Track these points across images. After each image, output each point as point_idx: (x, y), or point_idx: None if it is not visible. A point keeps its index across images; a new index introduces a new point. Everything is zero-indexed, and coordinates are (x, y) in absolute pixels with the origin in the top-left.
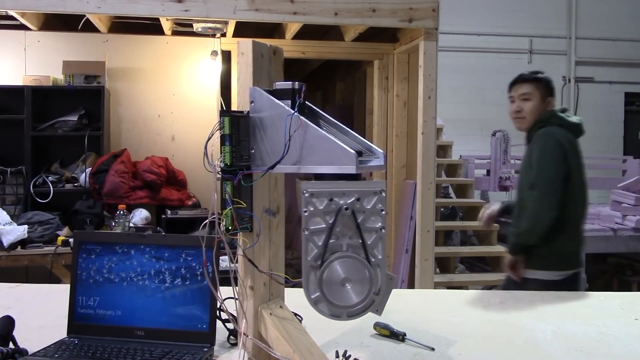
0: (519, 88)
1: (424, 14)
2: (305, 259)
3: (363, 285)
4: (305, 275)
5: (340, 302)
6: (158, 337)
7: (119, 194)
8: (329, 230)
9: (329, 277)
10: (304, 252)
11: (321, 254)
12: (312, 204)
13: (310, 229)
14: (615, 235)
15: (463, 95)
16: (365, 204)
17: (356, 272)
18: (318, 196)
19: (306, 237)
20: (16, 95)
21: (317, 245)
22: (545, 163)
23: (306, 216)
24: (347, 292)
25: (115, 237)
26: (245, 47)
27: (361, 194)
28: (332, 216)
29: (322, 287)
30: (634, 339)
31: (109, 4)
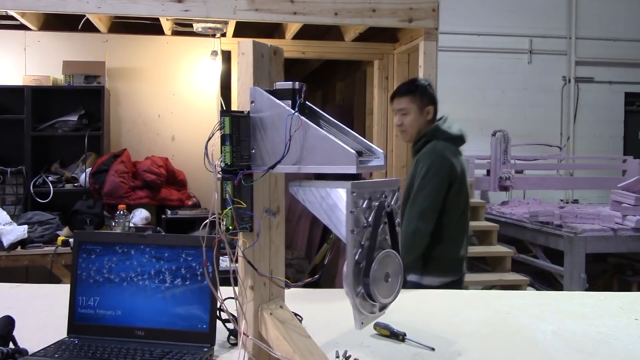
0: (396, 103)
1: (424, 14)
2: (352, 259)
3: (396, 278)
4: (353, 276)
5: (385, 297)
6: (158, 337)
7: (119, 194)
8: (374, 229)
9: (375, 275)
10: (350, 251)
11: (367, 253)
12: (357, 204)
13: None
14: (615, 235)
15: (463, 95)
16: (392, 201)
17: (393, 266)
18: (360, 196)
19: (353, 237)
20: (16, 95)
21: (360, 244)
22: (429, 180)
23: (353, 215)
24: (389, 286)
25: (115, 237)
26: (246, 47)
27: (387, 192)
28: (369, 214)
29: (370, 285)
30: (634, 339)
31: (109, 4)
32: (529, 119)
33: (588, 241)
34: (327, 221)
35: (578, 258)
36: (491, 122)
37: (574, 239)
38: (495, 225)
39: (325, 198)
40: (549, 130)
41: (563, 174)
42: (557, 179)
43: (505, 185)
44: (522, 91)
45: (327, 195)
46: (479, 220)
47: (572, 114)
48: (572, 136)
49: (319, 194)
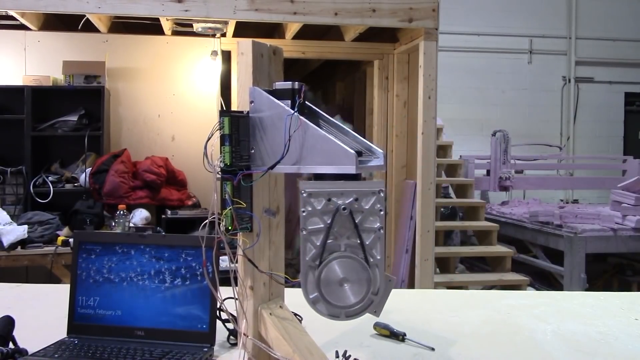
0: None
1: (424, 14)
2: (304, 259)
3: (361, 286)
4: (303, 275)
5: (339, 302)
6: (158, 337)
7: (119, 194)
8: (327, 230)
9: (327, 277)
10: (302, 251)
11: (319, 254)
12: (310, 204)
13: (309, 229)
14: (615, 235)
15: (463, 95)
16: (364, 204)
17: (354, 272)
18: (316, 196)
19: (304, 237)
20: (16, 95)
21: (315, 245)
22: None
23: (304, 216)
24: (345, 292)
25: (115, 237)
26: (245, 47)
27: (359, 194)
28: (330, 216)
29: (320, 287)
30: (634, 339)
31: (109, 4)
32: (529, 119)
33: (588, 241)
34: None
35: (578, 258)
36: (491, 122)
37: (574, 239)
38: (495, 225)
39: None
40: (549, 130)
41: (563, 174)
42: (557, 179)
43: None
44: (522, 91)
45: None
46: (479, 220)
47: (572, 114)
48: (572, 136)
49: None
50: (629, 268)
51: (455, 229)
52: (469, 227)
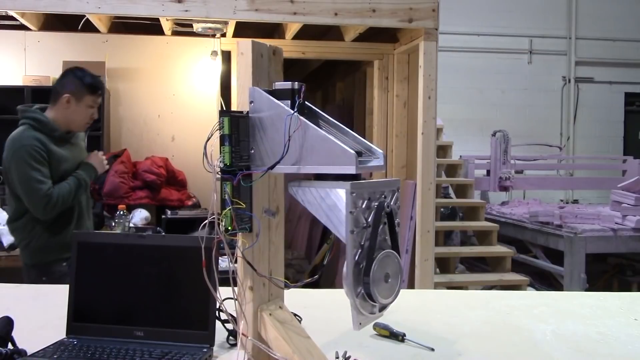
0: None
1: (424, 14)
2: (353, 259)
3: (396, 279)
4: (353, 276)
5: (385, 297)
6: (157, 338)
7: (118, 194)
8: (374, 229)
9: (375, 274)
10: (350, 252)
11: (367, 253)
12: (357, 205)
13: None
14: (615, 235)
15: (463, 96)
16: (391, 201)
17: (393, 266)
18: (359, 196)
19: (353, 237)
20: (16, 95)
21: (359, 244)
22: None
23: (354, 216)
24: (389, 286)
25: (115, 238)
26: (245, 47)
27: (387, 193)
28: (369, 215)
29: (371, 285)
30: (633, 339)
31: (109, 4)
32: (529, 119)
33: (588, 241)
34: (326, 221)
35: (578, 258)
36: (491, 122)
37: (574, 239)
38: (495, 226)
39: (325, 198)
40: (549, 130)
41: (563, 174)
42: (557, 179)
43: (505, 186)
44: (522, 91)
45: (327, 195)
46: (479, 220)
47: (572, 114)
48: (572, 136)
49: (318, 194)
50: (629, 268)
51: (455, 229)
52: (469, 227)
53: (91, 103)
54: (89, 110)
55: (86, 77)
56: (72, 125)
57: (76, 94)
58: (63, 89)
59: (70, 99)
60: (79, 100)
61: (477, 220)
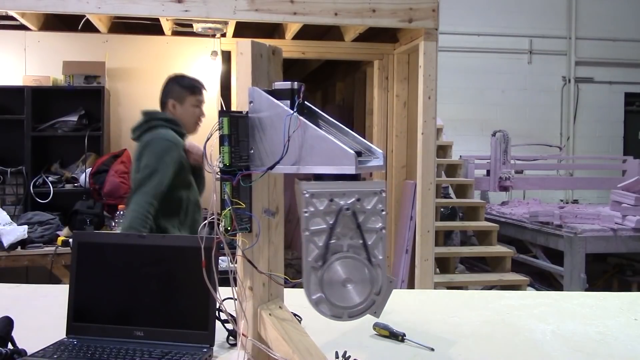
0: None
1: (424, 14)
2: (306, 260)
3: (364, 286)
4: (306, 276)
5: (342, 302)
6: (157, 338)
7: (119, 194)
8: (330, 230)
9: (330, 278)
10: (305, 252)
11: (322, 255)
12: (313, 205)
13: (311, 230)
14: (615, 235)
15: (463, 95)
16: (366, 204)
17: (357, 272)
18: (318, 197)
19: (307, 237)
20: (16, 95)
21: (318, 245)
22: None
23: (306, 217)
24: (348, 292)
25: (115, 237)
26: (244, 47)
27: (361, 195)
28: (332, 217)
29: (324, 288)
30: (633, 339)
31: (109, 4)
32: (529, 119)
33: (588, 241)
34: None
35: (578, 258)
36: (491, 122)
37: (574, 239)
38: (495, 226)
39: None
40: (549, 130)
41: (563, 174)
42: (557, 179)
43: (505, 186)
44: (522, 91)
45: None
46: (479, 220)
47: (572, 114)
48: (572, 136)
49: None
50: (629, 268)
51: (455, 229)
52: (469, 227)
53: (195, 102)
54: (194, 110)
55: (184, 80)
56: (184, 128)
57: (178, 98)
58: (167, 97)
59: (174, 104)
60: (182, 103)
61: (477, 220)
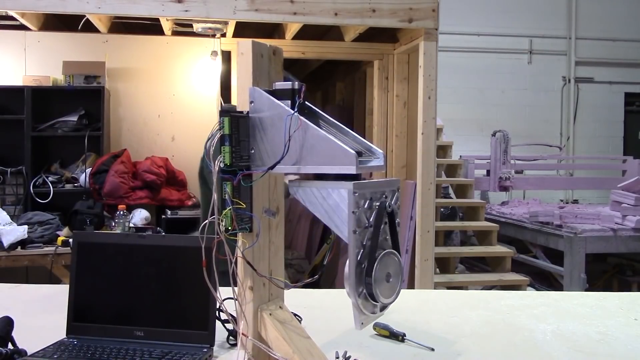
0: None
1: (423, 14)
2: (355, 259)
3: (397, 278)
4: (356, 276)
5: (385, 297)
6: (157, 338)
7: (119, 194)
8: (376, 228)
9: (378, 275)
10: (352, 252)
11: (369, 253)
12: (359, 205)
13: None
14: (615, 235)
15: (463, 96)
16: (393, 201)
17: (394, 266)
18: (362, 197)
19: (356, 237)
20: (16, 95)
21: (362, 244)
22: None
23: (356, 216)
24: (391, 286)
25: (115, 238)
26: (245, 47)
27: (389, 193)
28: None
29: (373, 285)
30: (633, 339)
31: (109, 4)
32: (529, 119)
33: (588, 241)
34: (328, 222)
35: (578, 258)
36: (491, 122)
37: (574, 239)
38: (495, 226)
39: (327, 198)
40: (549, 130)
41: (563, 174)
42: (557, 179)
43: (505, 186)
44: (522, 91)
45: (329, 195)
46: (479, 220)
47: (572, 114)
48: (572, 136)
49: (320, 194)
50: (629, 268)
51: (455, 229)
52: (469, 227)
53: None
54: None
55: None
56: None
57: None
58: None
59: None
60: None
61: (477, 220)
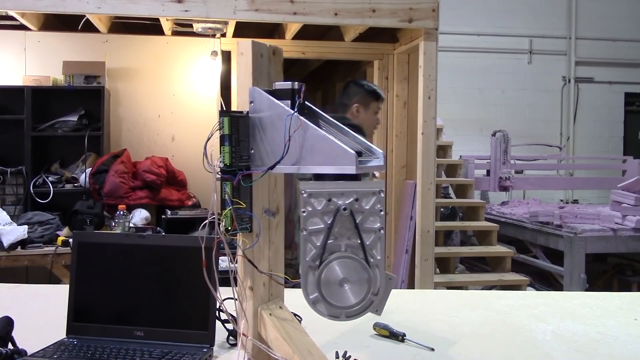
0: None
1: (423, 14)
2: (304, 259)
3: (362, 286)
4: (303, 276)
5: (339, 302)
6: (157, 338)
7: (119, 194)
8: (328, 230)
9: (327, 278)
10: (302, 252)
11: (319, 254)
12: (311, 204)
13: (309, 229)
14: (615, 235)
15: (463, 95)
16: (364, 204)
17: (355, 272)
18: (317, 196)
19: (305, 237)
20: (16, 95)
21: (316, 245)
22: None
23: (305, 216)
24: (345, 292)
25: (115, 238)
26: (245, 47)
27: (360, 195)
28: (330, 216)
29: (321, 288)
30: (633, 339)
31: (109, 4)
32: (529, 119)
33: (588, 241)
34: None
35: (578, 258)
36: (491, 122)
37: (574, 239)
38: (495, 226)
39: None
40: (549, 130)
41: (563, 174)
42: (557, 179)
43: (505, 186)
44: (522, 91)
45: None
46: (479, 220)
47: (572, 114)
48: (572, 136)
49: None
50: (629, 268)
51: (455, 229)
52: (469, 227)
53: (376, 109)
54: (375, 116)
55: (369, 85)
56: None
57: (363, 102)
58: (350, 100)
59: (359, 107)
60: (366, 107)
61: (477, 220)
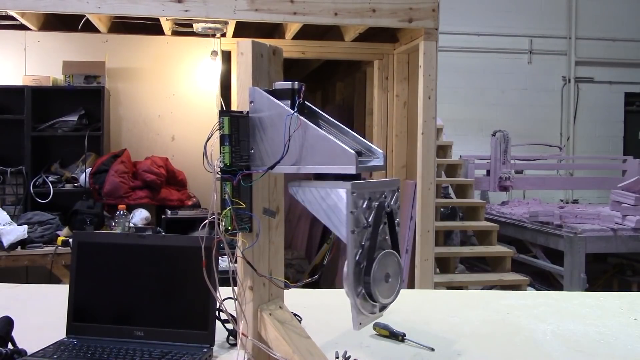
0: None
1: (424, 14)
2: (353, 259)
3: (397, 278)
4: (353, 275)
5: (385, 297)
6: (157, 338)
7: (119, 194)
8: (375, 228)
9: (375, 274)
10: (351, 251)
11: (367, 253)
12: (357, 205)
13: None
14: (615, 235)
15: (463, 95)
16: (392, 201)
17: (393, 266)
18: (360, 197)
19: (354, 237)
20: (16, 95)
21: (360, 243)
22: None
23: (354, 216)
24: (389, 286)
25: (114, 237)
26: (245, 47)
27: (388, 193)
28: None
29: (372, 285)
30: (633, 339)
31: (109, 4)
32: (529, 119)
33: (588, 241)
34: (327, 221)
35: (578, 258)
36: (491, 122)
37: (574, 239)
38: (495, 226)
39: (325, 198)
40: (549, 130)
41: (563, 174)
42: (557, 179)
43: (505, 185)
44: (522, 91)
45: (327, 195)
46: (479, 220)
47: (572, 114)
48: (572, 136)
49: (318, 194)
50: (629, 268)
51: (455, 229)
52: (469, 227)
53: None
54: None
55: None
56: None
57: None
58: None
59: None
60: None
61: (477, 220)
